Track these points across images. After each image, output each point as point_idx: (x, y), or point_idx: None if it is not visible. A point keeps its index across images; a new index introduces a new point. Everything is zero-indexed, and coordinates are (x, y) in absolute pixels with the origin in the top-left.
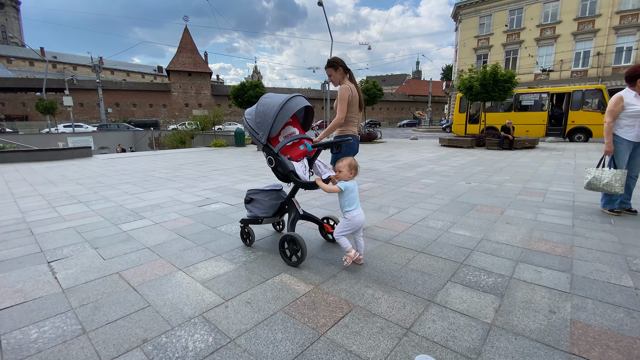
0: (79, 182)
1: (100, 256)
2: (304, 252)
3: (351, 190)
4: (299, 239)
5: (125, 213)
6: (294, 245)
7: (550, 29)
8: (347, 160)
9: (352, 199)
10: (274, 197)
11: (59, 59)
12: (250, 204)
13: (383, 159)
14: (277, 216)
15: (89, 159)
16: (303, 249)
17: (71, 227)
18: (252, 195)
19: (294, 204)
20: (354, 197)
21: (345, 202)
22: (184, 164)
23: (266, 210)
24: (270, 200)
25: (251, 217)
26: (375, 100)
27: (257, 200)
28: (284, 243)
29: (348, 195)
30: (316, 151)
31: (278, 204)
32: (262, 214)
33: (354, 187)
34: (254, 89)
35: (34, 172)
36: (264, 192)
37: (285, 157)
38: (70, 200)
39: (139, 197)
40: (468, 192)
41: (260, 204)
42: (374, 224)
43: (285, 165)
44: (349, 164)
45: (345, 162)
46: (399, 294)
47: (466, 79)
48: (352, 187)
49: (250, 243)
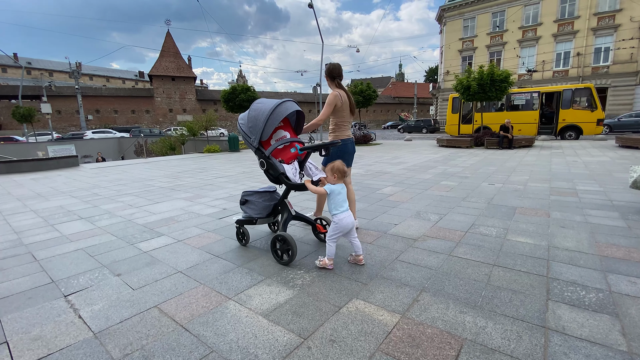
0: (72, 195)
1: (127, 285)
2: (294, 252)
3: (337, 193)
4: (289, 239)
5: (137, 229)
6: (284, 245)
7: (531, 31)
8: (332, 164)
9: (339, 201)
10: (267, 198)
11: (34, 64)
12: (245, 205)
13: (388, 161)
14: (271, 217)
15: (76, 169)
16: (293, 248)
17: (80, 248)
18: (246, 197)
19: (287, 205)
20: (341, 200)
21: (332, 204)
22: (182, 171)
23: (260, 211)
24: (264, 202)
25: (246, 218)
26: (370, 102)
27: (251, 201)
28: (275, 243)
29: (334, 198)
30: (306, 154)
31: (271, 205)
32: (256, 215)
33: (340, 190)
34: (245, 92)
35: (18, 184)
36: (258, 193)
37: (276, 160)
38: (70, 217)
39: (147, 210)
40: (498, 194)
41: (254, 205)
42: (424, 233)
43: (276, 168)
44: (331, 168)
45: (329, 166)
46: (504, 319)
47: (463, 79)
48: (338, 190)
49: (245, 243)
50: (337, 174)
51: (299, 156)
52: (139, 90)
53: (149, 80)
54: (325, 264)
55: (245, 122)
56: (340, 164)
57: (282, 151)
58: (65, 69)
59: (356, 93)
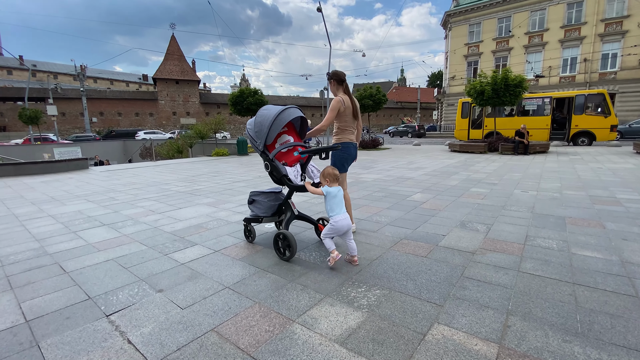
0: (89, 199)
1: (173, 303)
2: (294, 249)
3: (333, 196)
4: (289, 237)
5: (167, 238)
6: (285, 242)
7: (538, 36)
8: (323, 170)
9: (335, 204)
10: (272, 198)
11: (39, 67)
12: (252, 204)
13: (405, 166)
14: (276, 216)
15: (85, 172)
16: (293, 245)
17: (110, 259)
18: (254, 197)
19: (290, 205)
20: (337, 203)
21: (328, 206)
22: (196, 175)
23: (265, 211)
24: (269, 202)
25: (253, 216)
26: (380, 106)
27: (258, 201)
28: (277, 240)
29: (330, 200)
30: (308, 157)
31: (276, 205)
32: (262, 214)
33: (336, 192)
34: (253, 95)
35: (30, 188)
36: (264, 193)
37: (279, 162)
38: (91, 223)
39: (171, 217)
40: (538, 203)
41: (260, 205)
42: (479, 246)
43: (279, 170)
44: (322, 173)
45: (322, 172)
46: (617, 350)
47: (477, 84)
48: (335, 192)
49: (252, 240)
50: (329, 178)
51: (301, 159)
52: (143, 93)
53: (153, 83)
54: (334, 259)
55: (252, 127)
56: (331, 169)
57: (286, 154)
58: (69, 72)
59: (366, 97)
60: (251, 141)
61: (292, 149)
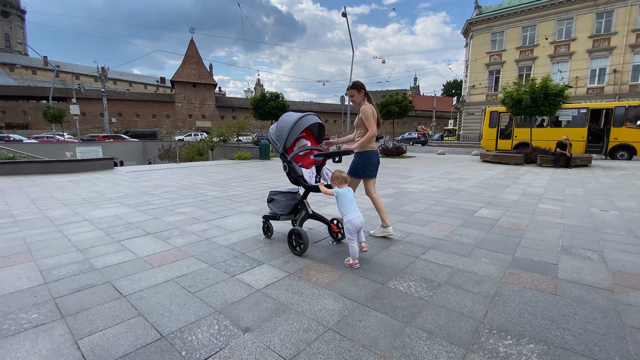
0: (123, 202)
1: (273, 351)
2: (306, 245)
3: (343, 196)
4: (302, 233)
5: (225, 253)
6: (298, 238)
7: (564, 46)
8: (332, 174)
9: (346, 202)
10: (289, 198)
11: (62, 68)
12: (271, 203)
13: (445, 176)
14: (292, 215)
15: (111, 172)
16: (305, 241)
17: (170, 279)
18: (273, 196)
19: (305, 205)
20: (348, 202)
21: (340, 206)
22: (226, 179)
23: (283, 209)
24: (286, 201)
25: (271, 214)
26: (406, 113)
27: (276, 200)
28: (291, 235)
29: (342, 200)
30: (323, 160)
31: (293, 204)
32: (279, 212)
33: (345, 193)
34: (275, 99)
35: (58, 187)
36: (282, 193)
37: (297, 164)
38: (134, 231)
39: (220, 227)
40: (636, 225)
41: (278, 204)
42: (613, 281)
43: (296, 171)
44: (331, 177)
45: (331, 176)
46: None
47: (513, 92)
48: (344, 193)
49: (270, 236)
50: (337, 181)
51: (317, 162)
52: (161, 95)
53: (171, 86)
54: (351, 264)
55: (274, 131)
56: (339, 173)
57: (303, 157)
58: (90, 73)
59: (392, 103)
60: (272, 144)
61: (309, 153)
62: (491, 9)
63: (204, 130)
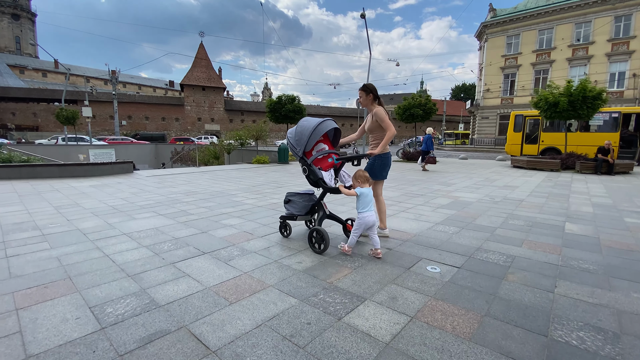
0: (157, 212)
1: None
2: (327, 243)
3: (365, 195)
4: (323, 232)
5: (311, 283)
6: (320, 237)
7: (582, 49)
8: (355, 173)
9: (366, 202)
10: (306, 199)
11: (72, 71)
12: (289, 204)
13: (489, 184)
14: (309, 215)
15: (131, 176)
16: (326, 240)
17: (261, 323)
18: (290, 197)
19: (322, 205)
20: (367, 202)
21: (359, 205)
22: (256, 185)
23: (300, 210)
24: (303, 202)
25: (288, 214)
26: (430, 116)
27: (294, 201)
28: (312, 234)
29: (363, 200)
30: (341, 163)
31: (310, 205)
32: (297, 212)
33: (367, 193)
34: (291, 102)
35: (81, 193)
36: (299, 194)
37: (316, 167)
38: (185, 249)
39: (284, 245)
40: None
41: (296, 204)
42: None
43: (316, 174)
44: (354, 176)
45: (353, 176)
46: None
47: (548, 95)
48: (367, 192)
49: (287, 235)
50: (360, 180)
51: (335, 165)
52: (170, 99)
53: (180, 89)
54: (345, 250)
55: (293, 135)
56: (362, 172)
57: (321, 160)
58: (99, 76)
59: (415, 106)
60: (291, 148)
61: (327, 156)
62: (506, 12)
63: (213, 133)
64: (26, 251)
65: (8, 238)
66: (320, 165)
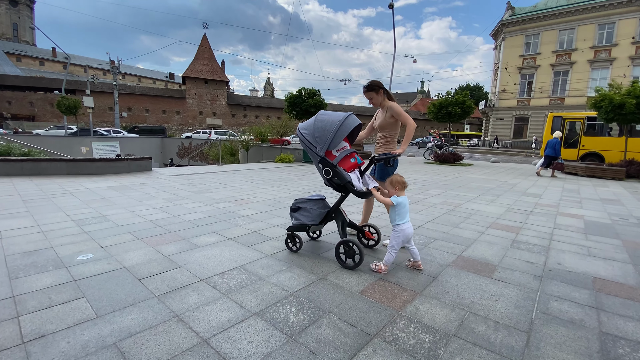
0: (223, 235)
1: None
2: (362, 257)
3: (403, 206)
4: (357, 243)
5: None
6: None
7: (605, 51)
8: (391, 178)
9: (404, 213)
10: (320, 206)
11: (71, 60)
12: (298, 212)
13: (577, 195)
14: (322, 224)
15: (152, 175)
16: (362, 252)
17: None
18: (299, 204)
19: (341, 212)
20: (405, 212)
21: (396, 215)
22: (309, 190)
23: (314, 218)
24: (318, 209)
25: (298, 225)
26: (468, 115)
27: (305, 208)
28: (340, 247)
29: (400, 210)
30: (368, 164)
31: (324, 212)
32: (309, 222)
33: (405, 202)
34: (312, 97)
35: (101, 198)
36: (312, 201)
37: (341, 168)
38: (329, 322)
39: None
40: None
41: (308, 212)
42: None
43: (343, 177)
44: (390, 181)
45: (389, 180)
46: None
47: (612, 95)
48: (404, 202)
49: (297, 249)
50: (398, 186)
51: (358, 165)
52: (172, 91)
53: (182, 82)
54: (381, 269)
55: (311, 131)
56: (400, 177)
57: (343, 161)
58: (98, 66)
59: (453, 104)
60: (307, 146)
61: (349, 155)
62: (525, 10)
63: (214, 128)
64: (54, 327)
65: (18, 288)
66: (342, 166)
